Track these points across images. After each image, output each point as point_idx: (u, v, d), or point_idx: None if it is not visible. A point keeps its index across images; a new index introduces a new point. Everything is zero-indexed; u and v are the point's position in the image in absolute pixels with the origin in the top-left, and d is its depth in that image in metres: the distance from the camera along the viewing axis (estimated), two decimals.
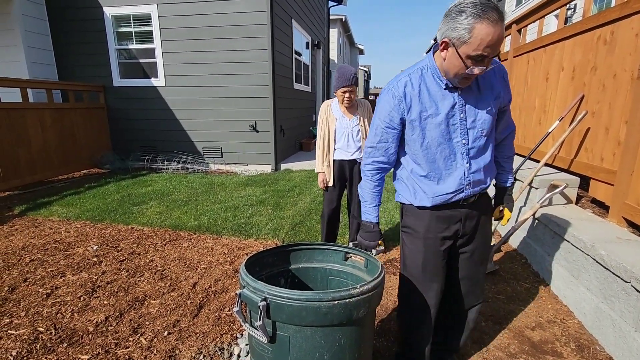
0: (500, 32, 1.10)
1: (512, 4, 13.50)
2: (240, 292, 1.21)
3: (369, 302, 1.20)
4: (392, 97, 1.32)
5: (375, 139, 1.42)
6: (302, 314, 1.13)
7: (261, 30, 5.89)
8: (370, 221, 1.53)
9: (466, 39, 1.11)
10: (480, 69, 1.16)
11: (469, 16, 1.09)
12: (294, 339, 1.19)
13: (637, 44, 2.28)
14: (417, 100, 1.30)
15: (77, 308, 2.20)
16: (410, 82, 1.31)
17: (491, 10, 1.08)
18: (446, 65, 1.22)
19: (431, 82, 1.30)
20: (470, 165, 1.35)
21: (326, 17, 12.14)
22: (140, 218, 3.81)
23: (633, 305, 1.70)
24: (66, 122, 5.71)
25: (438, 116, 1.30)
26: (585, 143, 2.81)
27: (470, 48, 1.12)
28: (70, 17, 6.34)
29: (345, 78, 2.45)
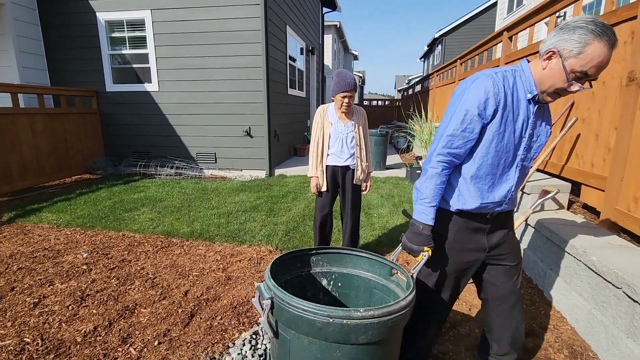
0: (610, 56, 1.11)
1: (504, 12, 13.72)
2: (258, 284, 1.25)
3: (372, 330, 1.10)
4: (493, 85, 1.23)
5: (460, 127, 1.27)
6: (297, 323, 1.14)
7: (255, 36, 5.91)
8: (424, 222, 1.34)
9: (577, 53, 1.12)
10: (578, 86, 1.15)
11: (588, 32, 1.10)
12: (293, 343, 1.20)
13: (625, 52, 2.32)
14: (510, 99, 1.26)
15: (65, 318, 2.16)
16: (507, 78, 1.27)
17: (611, 33, 1.09)
18: (545, 74, 1.20)
19: (520, 88, 1.28)
20: (517, 181, 1.37)
21: (321, 23, 12.23)
22: (132, 224, 3.77)
23: (625, 311, 1.70)
24: (58, 128, 5.65)
25: (516, 123, 1.29)
26: (576, 149, 2.83)
27: (579, 63, 1.12)
28: (62, 22, 6.31)
29: (346, 83, 2.43)
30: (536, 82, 1.25)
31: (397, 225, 3.77)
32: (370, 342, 1.13)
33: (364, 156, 2.71)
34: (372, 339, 1.12)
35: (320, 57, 12.10)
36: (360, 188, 2.77)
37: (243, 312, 2.26)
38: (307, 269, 1.55)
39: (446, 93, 7.73)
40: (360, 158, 2.67)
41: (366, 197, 4.85)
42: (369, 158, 2.76)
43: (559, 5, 3.11)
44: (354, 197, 2.74)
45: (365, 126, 2.73)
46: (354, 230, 2.83)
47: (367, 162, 2.74)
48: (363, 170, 2.70)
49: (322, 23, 12.44)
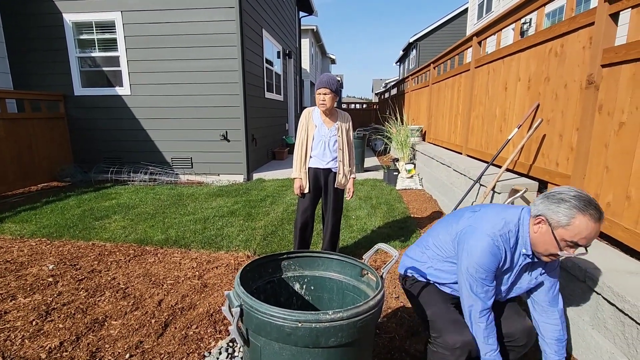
0: (598, 229, 1.22)
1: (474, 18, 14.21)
2: (227, 292, 1.25)
3: (342, 332, 1.11)
4: (499, 250, 1.39)
5: (485, 284, 1.41)
6: (267, 329, 1.13)
7: (230, 39, 5.85)
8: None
9: (564, 224, 1.24)
10: (569, 252, 1.27)
11: (573, 207, 1.22)
12: (265, 350, 1.18)
13: (584, 56, 2.44)
14: (508, 257, 1.42)
15: (29, 334, 2.04)
16: (509, 240, 1.41)
17: (593, 208, 1.21)
18: (537, 238, 1.34)
19: (520, 245, 1.42)
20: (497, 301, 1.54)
21: (297, 27, 12.26)
22: (103, 233, 3.62)
23: (589, 303, 1.78)
24: (22, 134, 5.38)
25: (505, 272, 1.46)
26: (542, 149, 2.96)
27: (568, 234, 1.24)
28: (27, 24, 6.03)
29: (321, 81, 2.53)
30: (531, 242, 1.38)
31: (375, 227, 3.81)
32: (341, 344, 1.13)
33: (347, 160, 2.72)
34: (343, 341, 1.12)
35: (297, 60, 12.12)
36: (343, 192, 2.78)
37: (220, 319, 2.21)
38: (278, 274, 1.54)
39: (421, 96, 7.91)
40: (342, 162, 2.68)
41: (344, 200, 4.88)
42: (352, 163, 2.78)
43: (523, 12, 3.25)
44: (335, 201, 2.75)
45: (349, 131, 2.75)
46: (334, 233, 2.83)
47: (350, 167, 2.75)
48: (345, 174, 2.71)
49: (298, 27, 12.48)
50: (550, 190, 1.33)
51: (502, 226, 1.41)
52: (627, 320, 1.52)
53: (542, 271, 1.49)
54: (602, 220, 1.23)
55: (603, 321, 1.68)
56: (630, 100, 1.98)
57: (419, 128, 7.20)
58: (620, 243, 2.06)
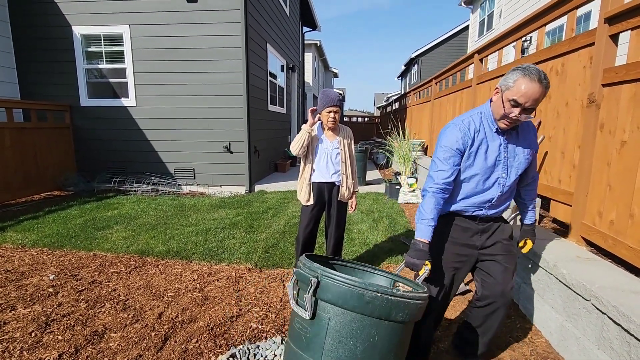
0: (535, 88, 1.44)
1: (475, 35, 14.44)
2: (296, 270, 1.36)
3: (408, 308, 1.26)
4: (459, 131, 1.63)
5: (445, 162, 1.64)
6: (346, 297, 1.22)
7: (236, 53, 5.95)
8: (423, 239, 1.61)
9: (510, 86, 1.49)
10: (514, 114, 1.49)
11: (517, 72, 1.49)
12: (333, 322, 1.25)
13: (585, 76, 2.48)
14: (477, 136, 1.64)
15: (27, 345, 2.02)
16: (473, 122, 1.65)
17: (534, 72, 1.45)
18: (494, 106, 1.60)
19: (487, 124, 1.65)
20: (502, 193, 1.69)
21: (301, 42, 12.47)
22: (104, 244, 3.62)
23: (594, 323, 1.76)
24: (27, 143, 5.43)
25: (488, 151, 1.64)
26: (545, 166, 2.97)
27: (511, 93, 1.49)
28: (36, 36, 6.16)
29: (331, 99, 2.53)
30: (493, 114, 1.62)
31: (377, 241, 3.80)
32: (403, 321, 1.28)
33: (350, 173, 2.74)
34: (406, 318, 1.27)
35: (300, 74, 12.28)
36: (346, 205, 2.79)
37: (220, 333, 2.19)
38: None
39: (423, 111, 7.98)
40: (345, 175, 2.69)
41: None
42: (355, 176, 2.79)
43: (524, 31, 3.31)
44: (339, 214, 2.74)
45: (351, 144, 2.77)
46: (337, 247, 2.82)
47: (353, 180, 2.77)
48: (348, 187, 2.72)
49: (302, 42, 12.69)
50: None
51: (468, 115, 1.68)
52: (633, 341, 1.51)
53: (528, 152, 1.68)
54: (543, 83, 1.44)
55: (609, 341, 1.66)
56: (631, 120, 2.00)
57: (421, 142, 7.24)
58: (624, 262, 2.05)
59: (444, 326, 2.30)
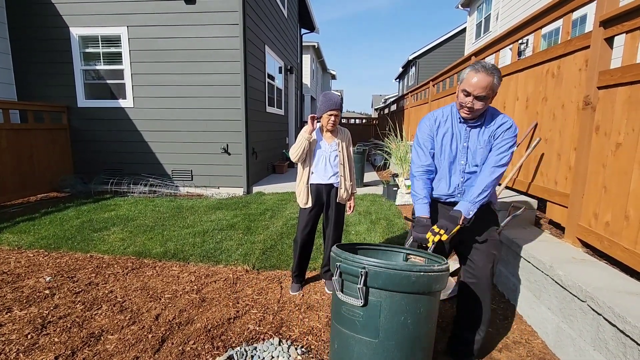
0: (480, 77, 1.70)
1: (472, 37, 14.51)
2: (339, 264, 1.48)
3: (442, 280, 1.46)
4: (428, 120, 1.98)
5: (421, 147, 1.97)
6: (395, 281, 1.39)
7: (234, 55, 5.96)
8: (424, 215, 1.86)
9: (463, 79, 1.78)
10: (468, 101, 1.75)
11: (468, 68, 1.77)
12: (385, 303, 1.41)
13: (581, 78, 2.50)
14: (442, 126, 1.94)
15: (23, 347, 2.01)
16: (442, 113, 1.96)
17: (480, 65, 1.73)
18: (458, 100, 1.82)
19: (454, 116, 1.92)
20: (465, 180, 1.91)
21: (299, 43, 12.49)
22: (101, 245, 3.61)
23: (590, 324, 1.77)
24: (24, 144, 5.41)
25: (452, 139, 1.91)
26: (541, 168, 2.99)
27: (462, 85, 1.77)
28: (33, 37, 6.14)
29: (332, 102, 2.55)
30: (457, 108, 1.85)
31: (375, 243, 3.80)
32: (438, 291, 1.48)
33: (348, 175, 2.74)
34: (440, 288, 1.47)
35: (298, 76, 12.30)
36: (344, 207, 2.80)
37: (217, 335, 2.18)
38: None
39: (420, 113, 8.00)
40: (343, 176, 2.70)
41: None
42: (353, 178, 2.80)
43: (520, 34, 3.34)
44: (337, 216, 2.75)
45: (349, 146, 2.78)
46: None
47: (351, 182, 2.77)
48: (346, 189, 2.73)
49: (300, 43, 12.72)
50: None
51: (441, 108, 1.99)
52: (629, 342, 1.52)
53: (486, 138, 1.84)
54: (488, 73, 1.69)
55: (604, 342, 1.67)
56: (626, 122, 2.02)
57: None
58: (619, 263, 2.06)
59: (442, 327, 2.30)
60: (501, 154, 1.80)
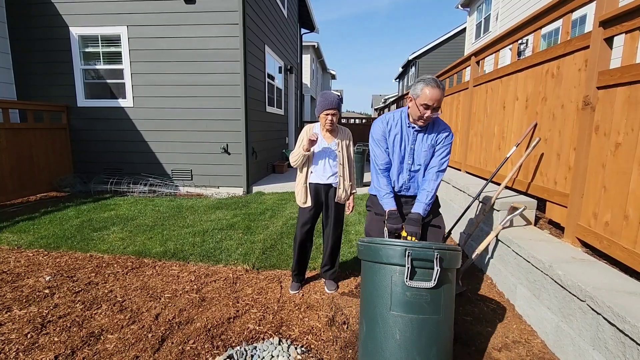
0: (436, 92, 1.93)
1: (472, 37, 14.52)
2: (410, 252, 1.57)
3: (460, 257, 1.75)
4: (381, 122, 2.22)
5: (379, 147, 2.22)
6: (452, 260, 1.63)
7: (234, 54, 5.96)
8: (393, 208, 2.13)
9: (419, 95, 1.98)
10: (427, 114, 1.98)
11: (422, 84, 1.97)
12: (445, 281, 1.61)
13: (580, 78, 2.50)
14: (393, 128, 2.19)
15: (23, 347, 2.01)
16: (393, 117, 2.21)
17: (433, 81, 1.95)
18: (411, 110, 2.09)
19: (404, 121, 2.17)
20: (410, 178, 2.23)
21: (299, 43, 12.49)
22: (101, 245, 3.61)
23: (589, 323, 1.78)
24: (23, 144, 5.40)
25: (401, 141, 2.18)
26: (540, 167, 2.99)
27: (421, 100, 1.97)
28: (33, 36, 6.14)
29: (329, 102, 2.54)
30: (410, 116, 2.12)
31: None
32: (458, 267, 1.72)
33: (347, 175, 2.73)
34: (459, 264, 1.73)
35: (298, 76, 12.30)
36: (343, 207, 2.79)
37: (217, 334, 2.19)
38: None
39: None
40: (342, 177, 2.69)
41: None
42: (352, 178, 2.79)
43: (520, 34, 3.34)
44: (336, 216, 2.75)
45: (349, 146, 2.77)
46: (335, 248, 2.82)
47: (350, 182, 2.76)
48: (345, 189, 2.72)
49: (300, 43, 12.72)
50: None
51: (392, 112, 2.21)
52: (628, 342, 1.52)
53: (431, 143, 2.14)
54: (440, 87, 1.93)
55: (604, 342, 1.67)
56: (625, 122, 2.02)
57: None
58: (619, 262, 2.07)
59: None
60: (442, 159, 2.17)
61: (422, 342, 1.53)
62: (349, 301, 2.63)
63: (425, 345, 1.53)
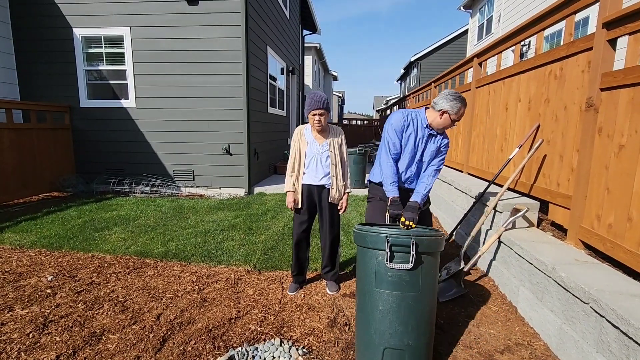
0: (464, 111, 2.31)
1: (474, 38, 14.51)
2: (389, 238, 1.74)
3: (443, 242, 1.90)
4: (402, 116, 2.41)
5: (396, 136, 2.41)
6: (432, 245, 1.79)
7: (236, 55, 5.97)
8: (396, 196, 2.34)
9: (456, 112, 2.28)
10: (453, 127, 2.38)
11: (460, 103, 2.28)
12: (425, 263, 1.78)
13: (583, 80, 2.50)
14: (410, 126, 2.41)
15: (25, 347, 2.01)
16: (410, 116, 2.43)
17: (464, 101, 2.30)
18: (441, 122, 2.33)
19: (419, 123, 2.42)
20: (416, 172, 2.50)
21: (301, 44, 12.51)
22: (103, 245, 3.61)
23: (593, 326, 1.77)
24: (26, 144, 5.43)
25: (415, 140, 2.42)
26: (543, 169, 2.98)
27: (456, 116, 2.30)
28: (37, 37, 6.17)
29: (316, 102, 2.53)
30: (431, 123, 2.37)
31: None
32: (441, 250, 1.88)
33: (340, 175, 2.71)
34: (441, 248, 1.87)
35: (300, 77, 12.32)
36: (337, 207, 2.76)
37: (219, 335, 2.18)
38: None
39: None
40: (335, 177, 2.68)
41: (345, 216, 4.87)
42: (346, 177, 2.77)
43: (522, 36, 3.34)
44: (331, 216, 2.74)
45: (342, 145, 2.75)
46: (333, 249, 2.82)
47: (343, 182, 2.74)
48: (339, 189, 2.70)
49: (302, 44, 12.74)
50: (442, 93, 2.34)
51: (408, 111, 2.45)
52: (632, 344, 1.51)
53: (437, 146, 2.43)
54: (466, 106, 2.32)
55: (607, 344, 1.66)
56: (629, 124, 2.01)
57: None
58: (622, 265, 2.05)
59: (443, 329, 2.30)
60: (441, 161, 2.48)
61: (402, 313, 1.78)
62: (351, 302, 2.62)
63: (405, 315, 1.78)
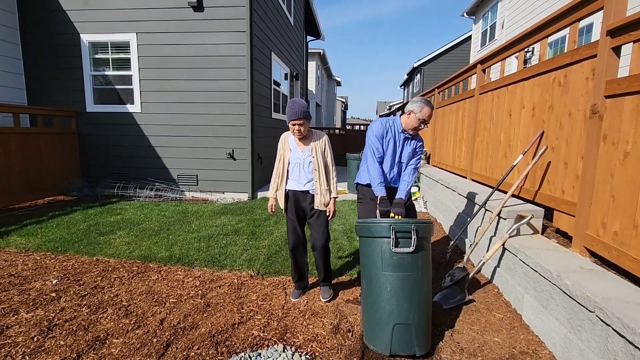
0: (430, 112, 2.59)
1: (478, 45, 14.54)
2: (394, 226, 2.04)
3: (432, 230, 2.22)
4: (382, 124, 2.71)
5: (375, 144, 2.69)
6: (428, 231, 2.13)
7: (240, 61, 6.02)
8: (384, 195, 2.60)
9: (420, 111, 2.56)
10: (422, 127, 2.61)
11: (423, 103, 2.57)
12: (424, 247, 2.09)
13: (588, 87, 2.49)
14: (389, 131, 2.70)
15: (29, 350, 2.02)
16: (388, 123, 2.72)
17: (429, 103, 2.56)
18: (410, 122, 2.62)
19: (396, 127, 2.72)
20: (398, 173, 2.80)
21: (305, 50, 12.60)
22: (107, 249, 3.63)
23: (598, 334, 1.75)
24: (33, 148, 5.48)
25: (394, 144, 2.72)
26: (547, 176, 2.97)
27: (421, 115, 2.56)
28: (45, 42, 6.26)
29: (294, 112, 2.49)
30: (403, 124, 2.67)
31: None
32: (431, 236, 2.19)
33: (323, 180, 2.65)
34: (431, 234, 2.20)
35: (304, 82, 12.39)
36: (325, 213, 2.70)
37: (222, 340, 2.18)
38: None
39: None
40: (318, 182, 2.64)
41: (347, 220, 4.87)
42: (330, 183, 2.70)
43: (526, 42, 3.35)
44: (318, 222, 2.69)
45: (326, 150, 2.69)
46: (323, 255, 2.73)
47: (327, 187, 2.67)
48: (322, 194, 2.65)
49: (306, 50, 12.82)
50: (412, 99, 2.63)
51: (386, 118, 2.73)
52: (638, 354, 1.50)
53: (413, 148, 2.74)
54: (433, 108, 2.60)
55: (613, 353, 1.64)
56: (634, 131, 2.00)
57: (424, 151, 7.26)
58: (628, 273, 2.04)
59: (446, 335, 2.28)
60: (417, 160, 2.79)
61: (407, 292, 2.04)
62: (354, 308, 2.62)
63: (409, 293, 2.04)
